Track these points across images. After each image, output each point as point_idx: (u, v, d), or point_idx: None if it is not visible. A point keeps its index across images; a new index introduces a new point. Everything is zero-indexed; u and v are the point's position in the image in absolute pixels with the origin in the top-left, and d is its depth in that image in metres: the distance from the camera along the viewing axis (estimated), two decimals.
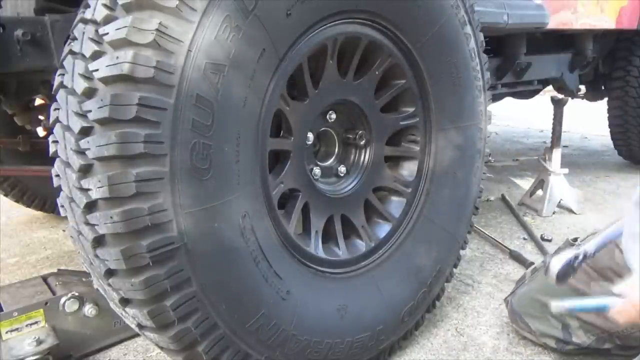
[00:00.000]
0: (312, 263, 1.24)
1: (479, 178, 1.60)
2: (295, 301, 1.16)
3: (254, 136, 1.04)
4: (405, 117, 1.45)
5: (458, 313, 1.74)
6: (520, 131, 5.55)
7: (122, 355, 1.53)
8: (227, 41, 0.95)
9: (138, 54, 0.86)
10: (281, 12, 1.03)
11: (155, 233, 0.91)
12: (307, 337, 1.19)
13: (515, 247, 2.27)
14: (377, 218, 1.46)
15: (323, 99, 1.26)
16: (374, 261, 1.39)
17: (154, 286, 0.93)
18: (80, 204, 0.92)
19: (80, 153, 0.90)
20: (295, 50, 1.10)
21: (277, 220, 1.15)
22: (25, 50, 1.29)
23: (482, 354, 1.51)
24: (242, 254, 1.04)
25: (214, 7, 0.92)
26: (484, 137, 1.60)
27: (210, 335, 1.03)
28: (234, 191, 1.01)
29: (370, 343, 1.34)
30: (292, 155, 1.21)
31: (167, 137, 0.90)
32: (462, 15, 1.42)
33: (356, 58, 1.29)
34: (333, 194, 1.36)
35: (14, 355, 1.29)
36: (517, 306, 1.55)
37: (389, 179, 1.47)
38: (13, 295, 1.49)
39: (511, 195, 3.09)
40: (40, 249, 2.39)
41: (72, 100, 0.92)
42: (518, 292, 1.58)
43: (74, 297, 1.43)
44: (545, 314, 1.44)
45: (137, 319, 1.01)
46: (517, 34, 2.46)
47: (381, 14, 1.25)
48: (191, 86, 0.91)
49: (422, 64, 1.38)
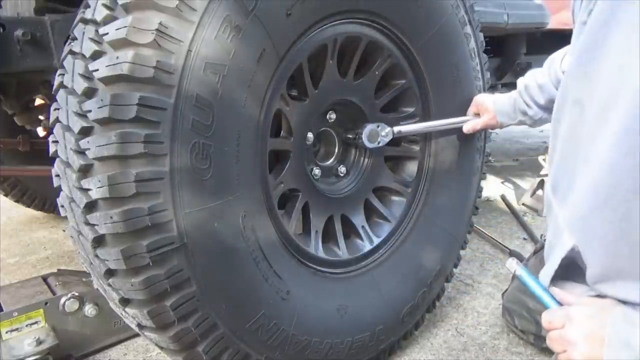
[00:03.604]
0: (312, 263, 1.24)
1: (479, 178, 1.60)
2: (295, 301, 1.16)
3: (254, 136, 1.04)
4: (405, 117, 1.45)
5: (458, 313, 1.75)
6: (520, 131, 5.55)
7: (122, 355, 1.53)
8: (227, 41, 0.95)
9: (138, 54, 0.86)
10: (281, 12, 1.03)
11: (155, 233, 0.91)
12: (307, 337, 1.19)
13: (515, 247, 2.27)
14: (377, 218, 1.46)
15: (323, 99, 1.26)
16: (374, 261, 1.39)
17: (154, 286, 0.93)
18: (80, 204, 0.92)
19: (80, 153, 0.90)
20: (295, 50, 1.10)
21: (277, 220, 1.15)
22: (25, 50, 1.29)
23: (482, 354, 1.51)
24: (242, 254, 1.04)
25: (214, 7, 0.92)
26: (484, 136, 1.60)
27: (210, 335, 1.03)
28: (234, 191, 1.01)
29: (370, 343, 1.34)
30: (292, 155, 1.21)
31: (167, 137, 0.90)
32: (462, 15, 1.42)
33: (356, 58, 1.29)
34: (333, 194, 1.36)
35: (14, 355, 1.29)
36: (506, 302, 1.60)
37: (389, 179, 1.47)
38: (13, 295, 1.49)
39: (511, 195, 3.09)
40: (40, 249, 2.39)
41: (72, 100, 0.92)
42: (509, 289, 1.63)
43: (74, 297, 1.43)
44: (523, 310, 1.47)
45: (137, 319, 1.01)
46: (517, 34, 2.46)
47: (381, 14, 1.25)
48: (191, 86, 0.91)
49: (422, 64, 1.38)
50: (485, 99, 1.47)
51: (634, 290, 0.78)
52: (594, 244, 0.80)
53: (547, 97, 1.34)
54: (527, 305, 1.47)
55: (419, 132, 1.44)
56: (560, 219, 0.87)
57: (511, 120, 1.46)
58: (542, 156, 2.86)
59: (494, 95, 1.48)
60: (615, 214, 0.74)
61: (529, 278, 0.96)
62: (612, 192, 0.73)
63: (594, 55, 0.74)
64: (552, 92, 1.31)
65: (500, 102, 1.45)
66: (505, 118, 1.45)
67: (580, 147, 0.79)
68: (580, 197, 0.80)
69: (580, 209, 0.81)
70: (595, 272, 0.83)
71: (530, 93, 1.37)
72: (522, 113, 1.42)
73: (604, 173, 0.73)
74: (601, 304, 0.82)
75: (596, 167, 0.75)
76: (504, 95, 1.46)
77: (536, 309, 1.38)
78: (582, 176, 0.79)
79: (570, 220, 0.84)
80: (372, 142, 1.35)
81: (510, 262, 1.00)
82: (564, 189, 0.86)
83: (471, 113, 1.50)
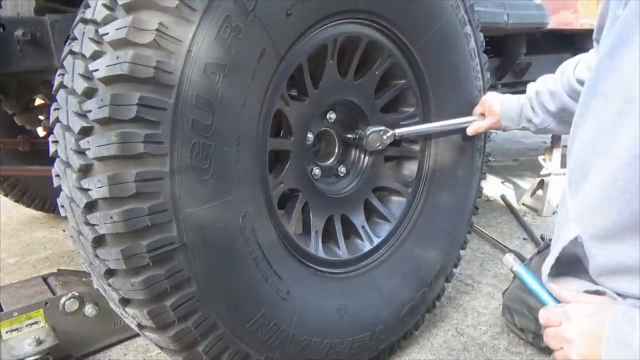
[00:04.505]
0: (312, 263, 1.24)
1: (479, 178, 1.60)
2: (295, 301, 1.16)
3: (254, 136, 1.04)
4: (405, 117, 1.45)
5: (458, 313, 1.75)
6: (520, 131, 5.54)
7: (122, 355, 1.53)
8: (227, 41, 0.95)
9: (138, 54, 0.86)
10: (281, 12, 1.03)
11: (155, 233, 0.91)
12: (307, 337, 1.19)
13: (515, 247, 2.27)
14: (377, 218, 1.46)
15: (323, 99, 1.26)
16: (374, 261, 1.39)
17: (154, 286, 0.93)
18: (80, 204, 0.92)
19: (80, 153, 0.90)
20: (295, 50, 1.10)
21: (277, 220, 1.15)
22: (25, 50, 1.29)
23: (482, 354, 1.51)
24: (242, 254, 1.04)
25: (214, 7, 0.92)
26: (484, 137, 1.60)
27: (210, 335, 1.03)
28: (234, 191, 1.01)
29: (370, 343, 1.34)
30: (292, 155, 1.21)
31: (167, 137, 0.89)
32: (462, 15, 1.41)
33: (356, 58, 1.29)
34: (333, 194, 1.36)
35: (14, 355, 1.29)
36: (506, 300, 1.60)
37: (389, 179, 1.47)
38: (13, 295, 1.49)
39: (511, 195, 3.09)
40: (40, 249, 2.39)
41: (72, 100, 0.92)
42: (510, 287, 1.62)
43: (74, 297, 1.43)
44: (524, 308, 1.46)
45: (137, 319, 1.01)
46: (517, 34, 2.45)
47: (381, 14, 1.25)
48: (191, 86, 0.91)
49: (422, 64, 1.38)
50: (494, 100, 1.46)
51: (637, 283, 0.77)
52: (600, 235, 0.80)
53: (558, 104, 1.32)
54: (527, 303, 1.46)
55: (423, 133, 1.44)
56: (570, 210, 0.86)
57: (515, 126, 1.45)
58: (542, 156, 2.85)
59: (503, 97, 1.46)
60: (627, 207, 0.74)
61: (525, 274, 0.96)
62: (629, 185, 0.73)
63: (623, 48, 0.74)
64: (563, 99, 1.30)
65: (508, 105, 1.44)
66: (509, 122, 1.45)
67: (600, 139, 0.79)
68: (594, 188, 0.80)
69: (592, 199, 0.80)
70: (599, 264, 0.83)
71: (540, 99, 1.36)
72: (527, 120, 1.41)
73: (623, 165, 0.73)
74: (600, 302, 0.82)
75: (615, 159, 0.75)
76: (513, 99, 1.44)
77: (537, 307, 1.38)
78: (598, 168, 0.79)
79: (580, 210, 0.84)
80: (373, 146, 1.35)
81: (507, 257, 1.00)
82: (578, 181, 0.86)
83: (477, 113, 1.49)
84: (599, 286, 0.85)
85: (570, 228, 0.85)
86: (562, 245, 0.86)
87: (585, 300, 0.84)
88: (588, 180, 0.82)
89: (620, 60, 0.75)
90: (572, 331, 0.79)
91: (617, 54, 0.75)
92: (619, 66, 0.75)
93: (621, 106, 0.74)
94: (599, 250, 0.81)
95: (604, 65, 0.79)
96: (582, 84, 0.95)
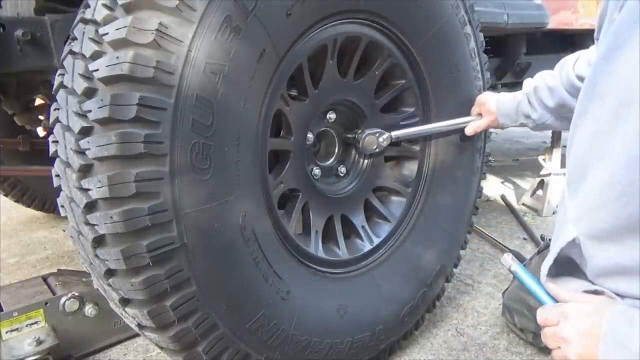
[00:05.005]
0: (312, 263, 1.24)
1: (479, 178, 1.60)
2: (295, 301, 1.16)
3: (254, 136, 1.04)
4: (405, 117, 1.45)
5: (458, 313, 1.75)
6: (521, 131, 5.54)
7: (122, 355, 1.53)
8: (227, 41, 0.95)
9: (138, 54, 0.86)
10: (281, 12, 1.03)
11: (155, 233, 0.91)
12: (307, 337, 1.19)
13: (515, 247, 2.27)
14: (377, 218, 1.46)
15: (323, 99, 1.26)
16: (374, 261, 1.39)
17: (154, 286, 0.93)
18: (80, 204, 0.92)
19: (80, 153, 0.90)
20: (295, 50, 1.10)
21: (277, 220, 1.15)
22: (25, 50, 1.29)
23: (482, 354, 1.52)
24: (242, 254, 1.04)
25: (214, 7, 0.92)
26: (484, 137, 1.60)
27: (210, 335, 1.03)
28: (234, 191, 1.01)
29: (370, 343, 1.34)
30: (292, 155, 1.21)
31: (167, 137, 0.89)
32: (462, 15, 1.41)
33: (356, 58, 1.29)
34: (333, 194, 1.36)
35: (14, 355, 1.29)
36: (506, 300, 1.60)
37: (389, 179, 1.47)
38: (13, 295, 1.49)
39: (511, 195, 3.09)
40: (40, 249, 2.39)
41: (72, 100, 0.92)
42: (510, 287, 1.62)
43: (74, 297, 1.43)
44: (524, 308, 1.46)
45: (137, 319, 1.01)
46: (517, 34, 2.45)
47: (381, 14, 1.25)
48: (191, 86, 0.91)
49: (422, 64, 1.38)
50: (489, 99, 1.46)
51: (635, 284, 0.77)
52: (599, 236, 0.80)
53: (556, 100, 1.32)
54: (527, 303, 1.46)
55: (421, 134, 1.44)
56: (569, 211, 0.86)
57: (512, 122, 1.45)
58: (542, 156, 2.86)
59: (498, 95, 1.47)
60: (625, 209, 0.74)
61: (523, 274, 0.96)
62: (626, 188, 0.73)
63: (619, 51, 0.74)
64: (562, 95, 1.30)
65: (503, 103, 1.44)
66: (506, 119, 1.45)
67: (597, 141, 0.79)
68: (592, 190, 0.80)
69: (590, 201, 0.80)
70: (597, 265, 0.83)
71: (539, 95, 1.36)
72: (524, 116, 1.41)
73: (620, 168, 0.73)
74: (598, 302, 0.82)
75: (612, 162, 0.75)
76: (508, 96, 1.44)
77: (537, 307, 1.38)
78: (596, 170, 0.79)
79: (578, 211, 0.84)
80: (369, 149, 1.35)
81: (505, 257, 1.00)
82: (576, 182, 0.86)
83: (474, 113, 1.49)
84: (598, 286, 0.85)
85: (568, 229, 0.85)
86: (560, 246, 0.86)
87: (583, 299, 0.84)
88: (586, 182, 0.82)
89: (616, 64, 0.75)
90: (570, 331, 0.79)
91: (613, 57, 0.75)
92: (615, 69, 0.75)
93: (617, 109, 0.74)
94: (597, 251, 0.81)
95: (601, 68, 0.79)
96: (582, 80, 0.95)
